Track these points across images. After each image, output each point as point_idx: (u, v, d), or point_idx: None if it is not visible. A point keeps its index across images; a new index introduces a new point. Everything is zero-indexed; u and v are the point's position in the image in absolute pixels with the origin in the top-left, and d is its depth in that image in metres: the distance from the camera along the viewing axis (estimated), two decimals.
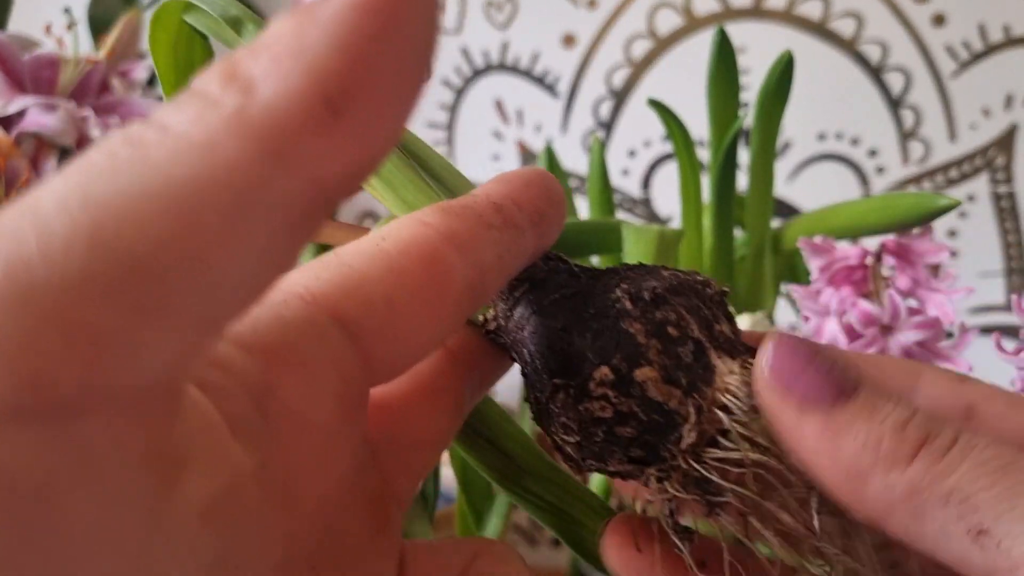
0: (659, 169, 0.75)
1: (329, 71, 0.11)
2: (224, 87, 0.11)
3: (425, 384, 0.19)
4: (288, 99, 0.11)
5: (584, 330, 0.18)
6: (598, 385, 0.18)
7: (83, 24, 0.68)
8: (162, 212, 0.10)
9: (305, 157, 0.11)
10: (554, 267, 0.20)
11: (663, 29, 0.73)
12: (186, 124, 0.11)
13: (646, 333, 0.18)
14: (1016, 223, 0.70)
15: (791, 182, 0.73)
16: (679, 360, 0.18)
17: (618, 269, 0.20)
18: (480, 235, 0.17)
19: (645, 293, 0.19)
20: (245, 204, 0.11)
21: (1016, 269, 0.70)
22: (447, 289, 0.16)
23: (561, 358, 0.19)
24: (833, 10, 0.70)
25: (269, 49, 0.11)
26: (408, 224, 0.17)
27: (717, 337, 0.19)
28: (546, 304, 0.19)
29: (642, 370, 0.18)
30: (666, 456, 0.18)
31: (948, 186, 0.70)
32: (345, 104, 0.11)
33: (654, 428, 0.18)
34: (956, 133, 0.70)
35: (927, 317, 0.38)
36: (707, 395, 0.18)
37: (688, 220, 0.48)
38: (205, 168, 0.10)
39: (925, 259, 0.40)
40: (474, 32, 0.76)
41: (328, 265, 0.16)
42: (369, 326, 0.15)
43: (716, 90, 0.45)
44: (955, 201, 0.39)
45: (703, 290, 0.20)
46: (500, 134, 0.77)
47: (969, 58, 0.69)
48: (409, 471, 0.18)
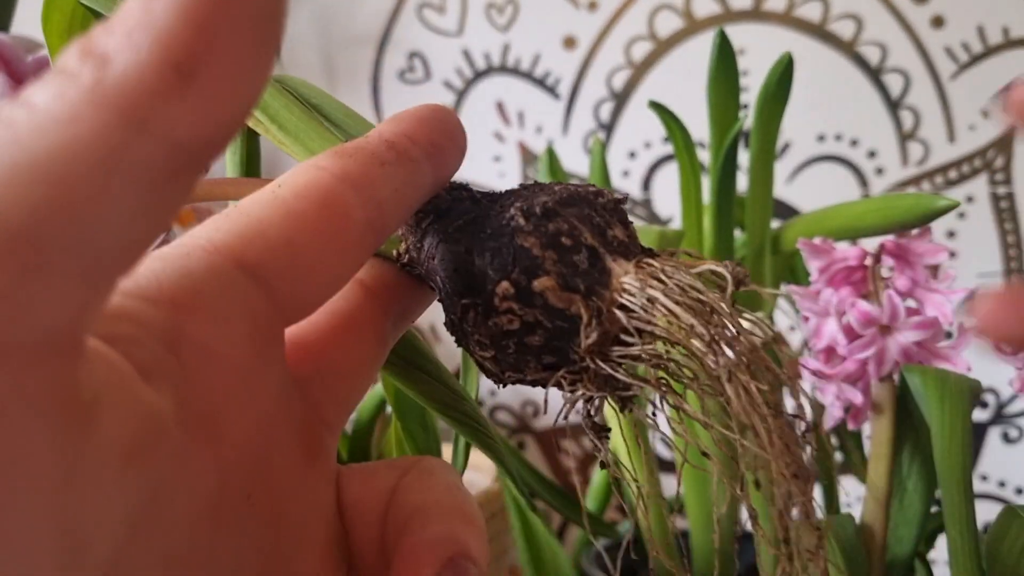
0: (659, 170, 0.75)
1: (175, 39, 0.12)
2: (82, 62, 0.12)
3: (343, 318, 0.20)
4: (139, 68, 0.12)
5: (483, 250, 0.19)
6: (502, 300, 0.19)
7: None
8: (32, 183, 0.11)
9: (160, 121, 0.12)
10: (457, 195, 0.21)
11: (663, 31, 0.73)
12: (49, 100, 0.12)
13: (540, 245, 0.19)
14: (1015, 224, 0.70)
15: (790, 183, 0.73)
16: (575, 267, 0.19)
17: (514, 190, 0.21)
18: (374, 172, 0.18)
19: (536, 207, 0.19)
20: (108, 168, 0.12)
21: (1015, 270, 0.70)
22: (345, 226, 0.17)
23: (466, 279, 0.20)
24: (832, 12, 0.71)
25: (121, 24, 0.12)
26: (303, 170, 0.18)
27: (611, 242, 0.20)
28: (451, 231, 0.20)
29: (540, 280, 0.19)
30: (575, 359, 0.19)
31: (947, 187, 0.70)
32: (193, 68, 0.12)
33: (560, 334, 0.19)
34: (955, 134, 0.70)
35: (926, 317, 0.39)
36: (605, 297, 0.19)
37: (688, 221, 0.48)
38: (69, 138, 0.12)
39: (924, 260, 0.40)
40: (475, 34, 0.76)
41: (228, 216, 0.17)
42: (273, 268, 0.16)
43: (716, 92, 0.45)
44: (955, 202, 0.39)
45: (595, 199, 0.20)
46: (501, 136, 0.77)
47: (968, 60, 0.69)
48: (336, 399, 0.19)
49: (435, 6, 0.76)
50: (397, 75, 0.78)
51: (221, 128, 0.13)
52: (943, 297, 0.40)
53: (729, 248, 0.47)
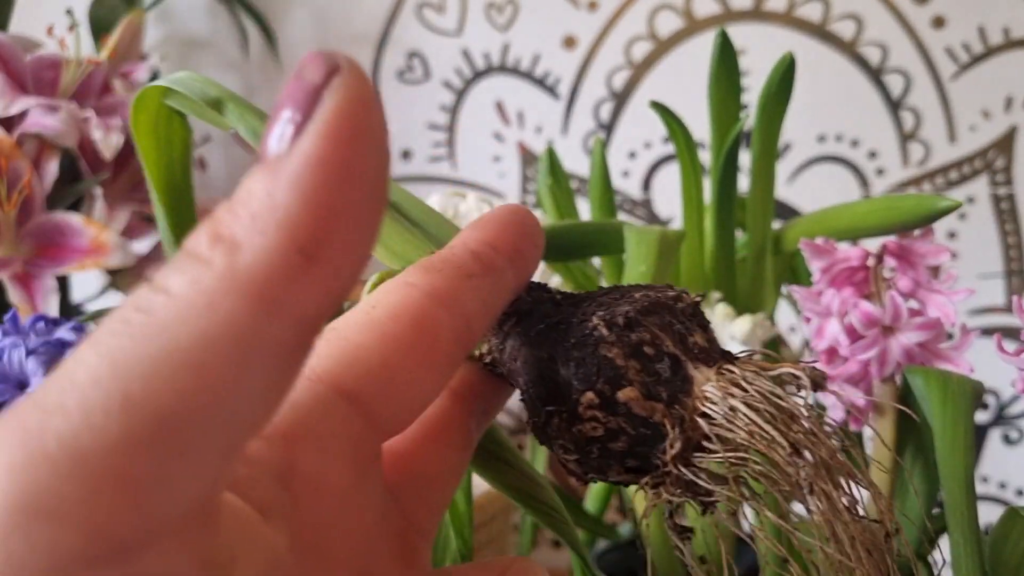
0: (659, 170, 0.75)
1: (298, 224, 0.13)
2: (212, 248, 0.13)
3: (432, 425, 0.21)
4: (268, 255, 0.13)
5: (568, 359, 0.20)
6: (586, 409, 0.20)
7: (85, 25, 0.68)
8: (178, 370, 0.12)
9: (289, 301, 0.13)
10: (537, 297, 0.22)
11: (663, 31, 0.73)
12: (185, 287, 0.12)
13: (624, 355, 0.20)
14: (1016, 225, 0.70)
15: (791, 184, 0.73)
16: (658, 376, 0.20)
17: (594, 295, 0.22)
18: (462, 287, 0.19)
19: (619, 318, 0.20)
20: (245, 351, 0.12)
21: (1016, 271, 0.70)
22: (437, 344, 0.18)
23: (550, 387, 0.20)
24: (833, 12, 0.70)
25: (245, 208, 0.13)
26: (394, 288, 0.18)
27: (692, 348, 0.20)
28: (532, 335, 0.21)
29: (624, 391, 0.19)
30: (658, 464, 0.20)
31: (948, 188, 0.70)
32: (316, 249, 0.13)
33: (643, 440, 0.20)
34: (956, 135, 0.70)
35: (928, 318, 0.39)
36: (687, 405, 0.20)
37: (689, 221, 0.48)
38: (208, 326, 0.12)
39: (926, 260, 0.40)
40: (475, 34, 0.76)
41: (328, 341, 0.18)
42: (370, 391, 0.17)
43: (717, 92, 0.45)
44: (956, 202, 0.39)
45: (675, 305, 0.21)
46: (501, 136, 0.77)
47: (969, 60, 0.69)
48: (428, 505, 0.20)
49: (434, 6, 0.76)
50: (396, 75, 0.78)
51: (340, 296, 0.13)
52: (945, 298, 0.40)
53: (730, 249, 0.47)
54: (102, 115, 0.61)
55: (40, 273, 0.57)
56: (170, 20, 0.80)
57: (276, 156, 0.13)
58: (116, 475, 0.11)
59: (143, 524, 0.12)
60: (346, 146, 0.13)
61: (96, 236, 0.58)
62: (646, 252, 0.39)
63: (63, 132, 0.58)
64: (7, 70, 0.59)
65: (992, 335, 0.36)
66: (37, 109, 0.58)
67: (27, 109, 0.58)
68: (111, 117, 0.61)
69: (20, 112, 0.58)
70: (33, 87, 0.61)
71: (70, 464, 0.11)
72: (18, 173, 0.57)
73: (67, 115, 0.59)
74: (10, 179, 0.57)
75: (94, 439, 0.11)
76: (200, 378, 0.12)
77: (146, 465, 0.12)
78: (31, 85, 0.61)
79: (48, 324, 0.39)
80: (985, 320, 0.70)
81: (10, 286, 0.56)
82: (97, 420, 0.11)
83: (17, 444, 0.11)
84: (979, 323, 0.70)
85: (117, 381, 0.12)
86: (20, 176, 0.57)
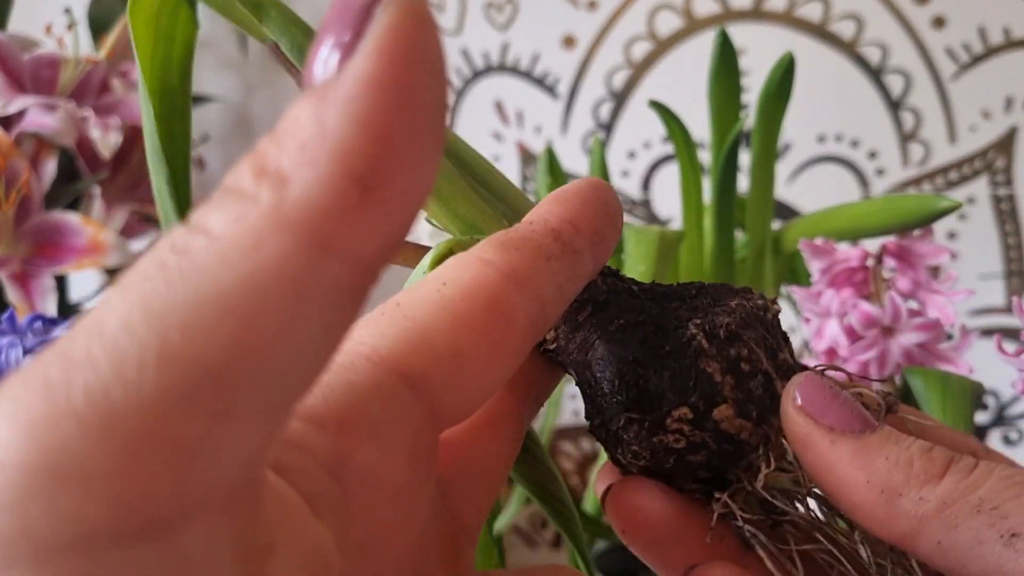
0: (659, 170, 0.75)
1: (355, 152, 0.11)
2: (257, 183, 0.11)
3: (486, 415, 0.19)
4: (321, 187, 0.11)
5: (661, 368, 0.19)
6: (675, 421, 0.19)
7: (83, 24, 0.68)
8: (221, 317, 0.10)
9: (346, 240, 0.11)
10: (613, 285, 0.21)
11: (663, 30, 0.73)
12: (228, 226, 0.11)
13: (722, 371, 0.19)
14: (1016, 225, 0.70)
15: (791, 184, 0.73)
16: (750, 394, 0.19)
17: (682, 293, 0.21)
18: (541, 269, 0.17)
19: (720, 331, 0.19)
20: (298, 296, 0.11)
21: (1016, 272, 0.70)
22: (510, 331, 0.16)
23: (636, 392, 0.19)
24: (833, 12, 0.70)
25: (294, 138, 0.11)
26: (468, 264, 0.17)
27: (781, 365, 0.20)
28: (612, 330, 0.20)
29: (719, 408, 0.19)
30: (732, 480, 0.19)
31: (948, 188, 0.70)
32: (375, 180, 0.11)
33: (724, 456, 0.19)
34: (956, 135, 0.70)
35: (928, 319, 0.38)
36: (773, 424, 0.19)
37: (689, 221, 0.48)
38: (255, 268, 0.11)
39: (926, 261, 0.40)
40: (474, 33, 0.76)
41: (393, 320, 0.16)
42: (436, 379, 0.16)
43: (717, 91, 0.45)
44: (956, 203, 0.39)
45: (765, 316, 0.20)
46: (500, 135, 0.77)
47: (969, 60, 0.69)
48: (475, 504, 0.19)
49: (433, 4, 0.76)
50: None
51: (401, 235, 0.12)
52: (945, 298, 0.40)
53: (730, 249, 0.47)
54: (100, 114, 0.61)
55: (38, 272, 0.57)
56: None
57: (324, 81, 0.12)
58: (151, 437, 0.10)
59: (181, 496, 0.10)
60: (404, 65, 0.11)
61: (94, 235, 0.58)
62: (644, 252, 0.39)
63: (61, 131, 0.58)
64: (5, 69, 0.59)
65: (992, 336, 0.36)
66: (35, 108, 0.58)
67: (25, 108, 0.58)
68: (109, 116, 0.61)
69: (18, 111, 0.58)
70: (31, 86, 0.61)
71: (99, 422, 0.10)
72: (16, 172, 0.57)
73: (65, 114, 0.59)
74: (8, 178, 0.57)
75: (127, 395, 0.10)
76: (247, 326, 0.10)
77: (186, 426, 0.10)
78: (29, 84, 0.61)
79: (46, 323, 0.39)
80: (985, 321, 0.70)
81: (8, 285, 0.56)
82: (130, 373, 0.10)
83: (39, 398, 0.10)
84: (979, 324, 0.70)
85: (152, 330, 0.10)
86: (18, 175, 0.57)
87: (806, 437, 0.18)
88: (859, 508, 0.18)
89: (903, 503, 0.17)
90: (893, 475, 0.17)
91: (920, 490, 0.17)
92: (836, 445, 0.18)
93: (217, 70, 0.80)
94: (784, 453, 0.19)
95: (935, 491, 0.17)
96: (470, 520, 0.18)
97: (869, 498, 0.17)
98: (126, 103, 0.64)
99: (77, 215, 0.58)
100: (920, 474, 0.17)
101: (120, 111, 0.63)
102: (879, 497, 0.17)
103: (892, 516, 0.17)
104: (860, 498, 0.17)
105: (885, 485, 0.17)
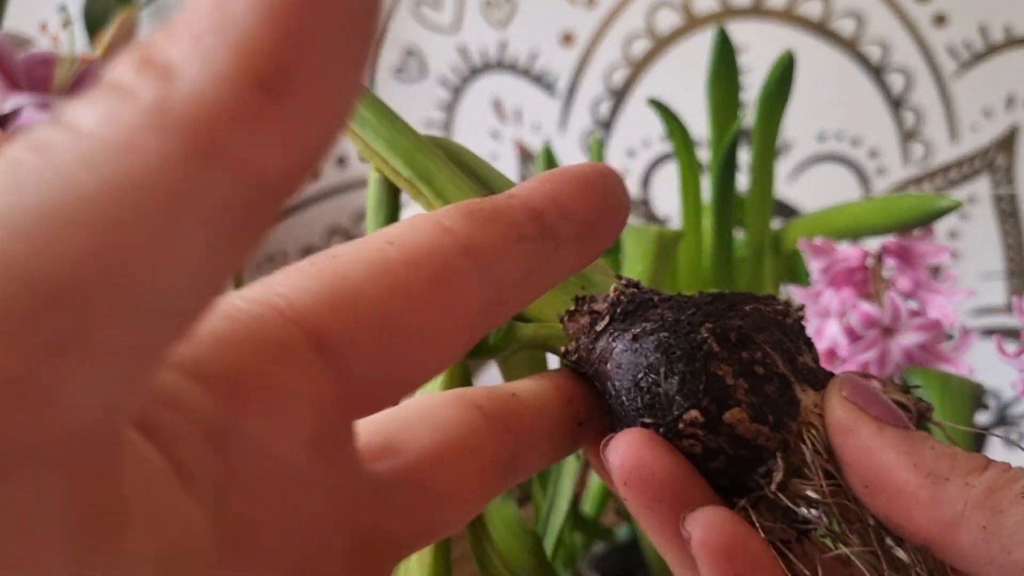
0: (658, 169, 0.75)
1: (260, 46, 0.09)
2: (140, 75, 0.10)
3: (449, 437, 0.17)
4: (215, 83, 0.09)
5: (671, 372, 0.19)
6: (688, 426, 0.19)
7: (79, 22, 0.68)
8: (76, 227, 0.09)
9: (241, 149, 0.10)
10: (633, 296, 0.21)
11: (662, 28, 0.73)
12: (97, 122, 0.09)
13: (734, 374, 0.19)
14: (1017, 225, 0.70)
15: (791, 183, 0.72)
16: (766, 397, 0.19)
17: (696, 300, 0.21)
18: (508, 248, 0.15)
19: (731, 334, 0.19)
20: (173, 210, 0.09)
21: (1017, 271, 0.70)
22: (456, 311, 0.14)
23: (649, 398, 0.19)
24: (834, 10, 0.70)
25: (189, 27, 0.10)
26: (423, 227, 0.15)
27: (800, 369, 0.20)
28: (629, 338, 0.20)
29: (731, 412, 0.19)
30: (752, 487, 0.19)
31: (949, 187, 0.70)
32: (282, 83, 0.10)
33: (742, 462, 0.19)
34: (957, 134, 0.70)
35: (928, 319, 0.38)
36: (792, 429, 0.19)
37: (688, 221, 0.48)
38: (123, 172, 0.09)
39: (926, 260, 0.40)
40: (472, 31, 0.76)
41: (322, 273, 0.14)
42: (357, 350, 0.14)
43: (716, 90, 0.45)
44: (957, 202, 0.39)
45: (783, 320, 0.20)
46: (498, 134, 0.77)
47: (970, 58, 0.69)
48: (424, 524, 0.16)
49: (431, 3, 0.76)
50: (393, 72, 0.78)
51: (311, 156, 0.10)
52: (945, 298, 0.39)
53: (729, 248, 0.46)
54: None
55: None
56: (164, 17, 0.80)
57: None
58: None
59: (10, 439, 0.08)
60: None
61: None
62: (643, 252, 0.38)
63: None
64: (0, 67, 0.59)
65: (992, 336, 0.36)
66: (30, 106, 0.58)
67: (20, 106, 0.58)
68: None
69: (13, 110, 0.58)
70: (26, 84, 0.61)
71: None
72: None
73: None
74: None
75: None
76: (107, 239, 0.09)
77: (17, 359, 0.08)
78: (24, 82, 0.61)
79: None
80: (986, 320, 0.70)
81: None
82: None
83: None
84: (980, 324, 0.69)
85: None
86: None
87: (852, 422, 0.18)
88: (902, 493, 0.17)
89: (949, 488, 0.17)
90: (939, 462, 0.17)
91: (966, 476, 0.17)
92: (883, 431, 0.18)
93: None
94: (805, 459, 0.19)
95: (980, 478, 0.17)
96: (407, 537, 0.16)
97: (914, 480, 0.17)
98: None
99: None
100: (964, 464, 0.17)
101: None
102: (925, 480, 0.17)
103: (938, 499, 0.17)
104: (904, 480, 0.17)
105: (932, 469, 0.17)
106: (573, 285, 0.22)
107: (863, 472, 0.18)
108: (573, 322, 0.21)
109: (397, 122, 0.24)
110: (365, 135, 0.24)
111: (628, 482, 0.18)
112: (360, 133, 0.24)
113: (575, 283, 0.22)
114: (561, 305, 0.22)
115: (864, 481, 0.18)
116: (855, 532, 0.19)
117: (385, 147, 0.24)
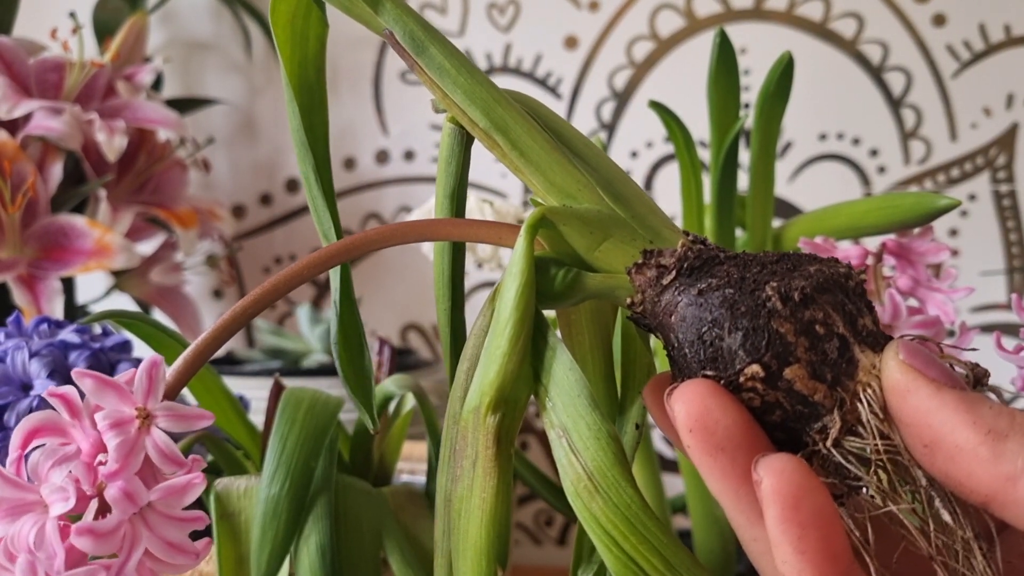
0: (661, 170, 0.75)
1: None
2: None
3: None
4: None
5: (735, 327, 0.20)
6: (748, 380, 0.19)
7: (88, 28, 0.69)
8: None
9: None
10: (699, 252, 0.21)
11: (665, 30, 0.73)
12: None
13: (795, 332, 0.19)
14: (1017, 222, 0.70)
15: (792, 182, 0.73)
16: (825, 356, 0.19)
17: (761, 259, 0.21)
18: None
19: (795, 293, 0.20)
20: None
21: (1018, 268, 0.70)
22: None
23: (711, 351, 0.20)
24: (834, 11, 0.71)
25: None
26: None
27: (860, 331, 0.20)
28: (694, 294, 0.20)
29: (791, 368, 0.19)
30: (807, 442, 0.20)
31: (949, 185, 0.70)
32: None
33: (799, 417, 0.20)
34: (957, 133, 0.70)
35: (928, 316, 0.39)
36: (849, 388, 0.19)
37: (689, 220, 0.48)
38: None
39: (926, 259, 0.40)
40: (477, 34, 0.76)
41: None
42: None
43: (717, 91, 0.45)
44: (956, 201, 0.39)
45: (846, 283, 0.21)
46: None
47: (970, 58, 0.69)
48: None
49: (436, 7, 0.76)
50: (399, 76, 0.78)
51: None
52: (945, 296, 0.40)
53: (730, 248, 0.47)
54: (106, 117, 0.61)
55: (45, 275, 0.57)
56: (173, 22, 0.81)
57: None
58: None
59: None
60: None
61: (100, 238, 0.58)
62: None
63: (67, 134, 0.58)
64: (11, 73, 0.60)
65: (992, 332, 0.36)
66: (41, 112, 0.59)
67: (31, 112, 0.58)
68: (115, 119, 0.62)
69: (24, 115, 0.58)
70: (37, 90, 0.61)
71: None
72: (22, 175, 0.57)
73: (71, 117, 0.59)
74: (14, 181, 0.57)
75: None
76: None
77: None
78: (35, 88, 0.61)
79: (51, 326, 0.39)
80: (987, 317, 0.70)
81: (15, 288, 0.56)
82: None
83: None
84: (981, 320, 0.70)
85: None
86: (24, 178, 0.57)
87: (911, 383, 0.19)
88: (962, 450, 0.18)
89: (1009, 444, 0.18)
90: (999, 420, 0.18)
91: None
92: (941, 392, 0.18)
93: (221, 72, 0.81)
94: (860, 418, 0.19)
95: None
96: None
97: (974, 438, 0.18)
98: (131, 106, 0.64)
99: (83, 218, 0.59)
100: (1022, 424, 0.18)
101: (125, 114, 0.63)
102: (986, 437, 0.18)
103: (997, 455, 0.18)
104: (964, 439, 0.18)
105: (992, 427, 0.18)
106: (642, 239, 0.22)
107: (922, 431, 0.19)
108: (640, 275, 0.22)
109: (476, 73, 0.24)
110: (444, 85, 0.24)
111: (693, 429, 0.19)
112: (439, 83, 0.24)
113: (643, 237, 0.23)
114: (628, 258, 0.22)
115: (923, 441, 0.19)
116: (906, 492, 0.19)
117: (464, 98, 0.24)
